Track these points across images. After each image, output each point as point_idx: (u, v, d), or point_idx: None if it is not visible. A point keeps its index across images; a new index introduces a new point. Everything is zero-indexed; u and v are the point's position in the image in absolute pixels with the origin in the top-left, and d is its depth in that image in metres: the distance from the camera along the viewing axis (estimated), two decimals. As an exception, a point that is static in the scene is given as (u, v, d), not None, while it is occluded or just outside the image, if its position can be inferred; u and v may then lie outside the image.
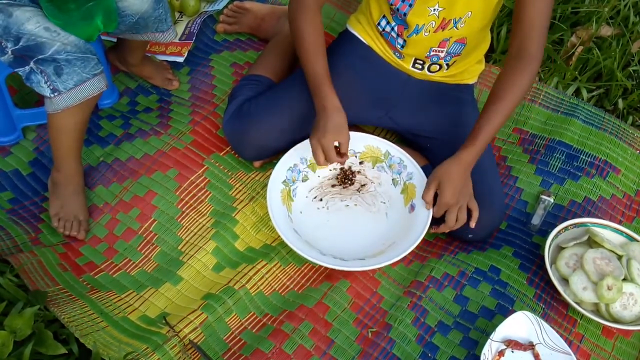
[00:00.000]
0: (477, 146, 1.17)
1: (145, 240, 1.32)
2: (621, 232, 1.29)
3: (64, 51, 1.14)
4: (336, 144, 1.24)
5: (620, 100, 1.63)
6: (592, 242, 1.27)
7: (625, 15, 1.76)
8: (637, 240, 1.28)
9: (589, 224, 1.29)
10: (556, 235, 1.28)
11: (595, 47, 1.68)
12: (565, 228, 1.29)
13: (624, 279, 1.20)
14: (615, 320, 1.19)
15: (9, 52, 1.15)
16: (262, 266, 1.26)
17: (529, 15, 1.13)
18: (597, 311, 1.21)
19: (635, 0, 1.80)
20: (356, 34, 1.37)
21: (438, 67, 1.32)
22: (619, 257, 1.24)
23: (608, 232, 1.29)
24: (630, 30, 1.73)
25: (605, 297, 1.18)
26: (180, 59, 1.62)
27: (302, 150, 1.35)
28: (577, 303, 1.20)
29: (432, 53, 1.29)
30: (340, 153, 1.25)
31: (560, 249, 1.28)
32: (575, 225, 1.30)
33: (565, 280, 1.24)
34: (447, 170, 1.19)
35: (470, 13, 1.21)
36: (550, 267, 1.23)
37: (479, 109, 1.45)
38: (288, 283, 1.27)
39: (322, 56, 1.24)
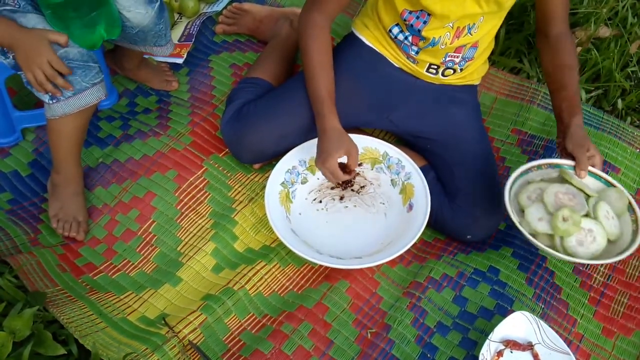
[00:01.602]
0: (581, 109, 1.25)
1: (145, 242, 1.32)
2: (599, 178, 1.22)
3: (65, 58, 1.14)
4: (345, 159, 1.24)
5: (619, 101, 1.63)
6: (563, 181, 1.21)
7: (624, 16, 1.76)
8: (615, 186, 1.21)
9: (564, 166, 1.22)
10: (526, 172, 1.22)
11: (593, 48, 1.68)
12: (539, 167, 1.23)
13: (587, 216, 1.15)
14: (570, 256, 1.13)
15: (11, 56, 1.15)
16: (262, 267, 1.26)
17: (561, 7, 1.26)
18: (553, 247, 1.15)
19: (634, 2, 1.80)
20: (363, 38, 1.35)
21: (452, 71, 1.32)
22: (587, 197, 1.18)
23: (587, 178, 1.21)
24: (629, 31, 1.73)
25: (560, 229, 1.12)
26: (180, 61, 1.62)
27: (301, 153, 1.35)
28: (532, 235, 1.14)
29: (447, 59, 1.29)
30: (348, 169, 1.26)
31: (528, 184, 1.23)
32: (550, 165, 1.23)
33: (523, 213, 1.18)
34: (583, 136, 1.23)
35: (482, 18, 1.21)
36: (510, 200, 1.17)
37: (481, 111, 1.45)
38: (287, 284, 1.27)
39: (326, 75, 1.25)
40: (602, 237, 1.14)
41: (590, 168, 1.21)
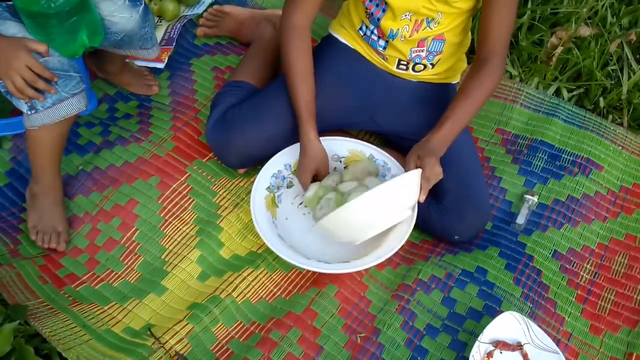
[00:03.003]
0: (441, 133, 1.19)
1: (128, 250, 1.30)
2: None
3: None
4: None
5: (600, 100, 1.64)
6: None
7: (603, 15, 1.78)
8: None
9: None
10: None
11: (574, 47, 1.70)
12: None
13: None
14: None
15: None
16: (249, 273, 1.25)
17: (496, 31, 1.21)
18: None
19: (612, 1, 1.82)
20: (340, 38, 1.37)
21: (422, 67, 1.32)
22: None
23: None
24: (608, 30, 1.75)
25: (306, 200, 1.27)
26: (161, 65, 1.59)
27: (286, 157, 1.34)
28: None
29: (413, 55, 1.29)
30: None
31: None
32: None
33: None
34: (422, 147, 1.19)
35: (440, 14, 1.22)
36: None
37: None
38: (275, 290, 1.25)
39: (305, 85, 1.26)
40: (334, 200, 1.23)
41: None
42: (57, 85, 1.13)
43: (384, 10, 1.23)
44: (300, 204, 1.35)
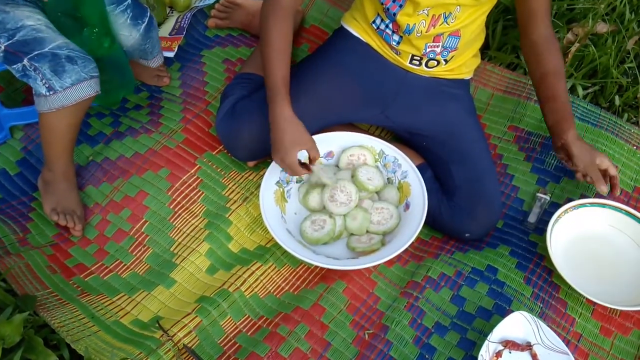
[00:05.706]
0: (572, 122, 1.26)
1: (137, 242, 1.30)
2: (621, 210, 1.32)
3: (66, 47, 1.14)
4: (304, 153, 1.22)
5: (616, 98, 1.62)
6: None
7: (621, 11, 1.75)
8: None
9: (587, 205, 1.31)
10: (556, 221, 1.29)
11: (591, 44, 1.67)
12: (565, 211, 1.30)
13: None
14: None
15: (2, 47, 1.13)
16: (257, 268, 1.24)
17: (541, 6, 1.26)
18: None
19: (630, -3, 1.79)
20: (352, 31, 1.35)
21: (436, 62, 1.30)
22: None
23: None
24: (626, 27, 1.72)
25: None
26: (171, 54, 1.59)
27: (296, 150, 1.33)
28: None
29: (428, 50, 1.27)
30: (310, 160, 1.22)
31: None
32: (574, 207, 1.31)
33: None
34: (588, 150, 1.27)
35: (459, 8, 1.20)
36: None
37: (477, 107, 1.44)
38: (283, 285, 1.25)
39: (283, 64, 1.20)
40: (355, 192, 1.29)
41: (611, 202, 1.30)
42: (77, 66, 1.14)
43: (400, 6, 1.21)
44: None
